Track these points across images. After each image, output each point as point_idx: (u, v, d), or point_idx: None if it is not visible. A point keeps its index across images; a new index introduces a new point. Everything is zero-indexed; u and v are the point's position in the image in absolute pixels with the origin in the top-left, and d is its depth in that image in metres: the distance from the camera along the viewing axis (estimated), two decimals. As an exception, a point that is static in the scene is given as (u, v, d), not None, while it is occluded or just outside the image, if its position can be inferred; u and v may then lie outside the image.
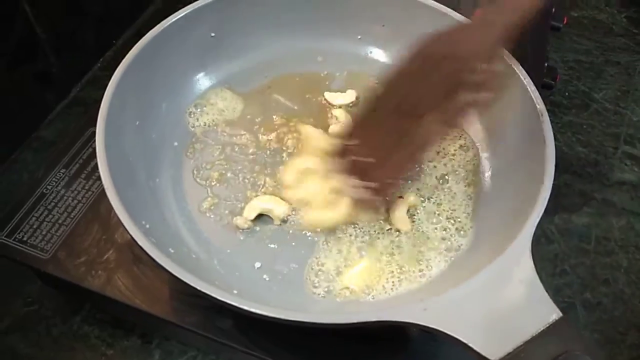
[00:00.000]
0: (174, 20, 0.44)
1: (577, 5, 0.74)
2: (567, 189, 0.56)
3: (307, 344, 0.38)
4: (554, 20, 0.61)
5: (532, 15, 0.38)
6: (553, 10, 0.61)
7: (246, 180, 0.45)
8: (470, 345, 0.28)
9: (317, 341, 0.38)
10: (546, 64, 0.59)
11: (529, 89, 0.39)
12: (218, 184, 0.44)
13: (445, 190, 0.44)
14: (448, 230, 0.41)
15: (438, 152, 0.46)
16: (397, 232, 0.42)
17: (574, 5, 0.74)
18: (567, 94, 0.64)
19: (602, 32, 0.71)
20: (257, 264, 0.40)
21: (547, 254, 0.51)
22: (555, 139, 0.58)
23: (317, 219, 0.42)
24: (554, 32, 0.61)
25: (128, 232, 0.32)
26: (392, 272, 0.39)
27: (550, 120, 0.61)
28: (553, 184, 0.55)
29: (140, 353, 0.45)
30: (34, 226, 0.43)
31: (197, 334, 0.40)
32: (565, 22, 0.62)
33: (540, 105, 0.38)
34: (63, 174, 0.46)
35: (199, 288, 0.30)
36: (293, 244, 0.41)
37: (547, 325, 0.28)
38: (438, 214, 0.42)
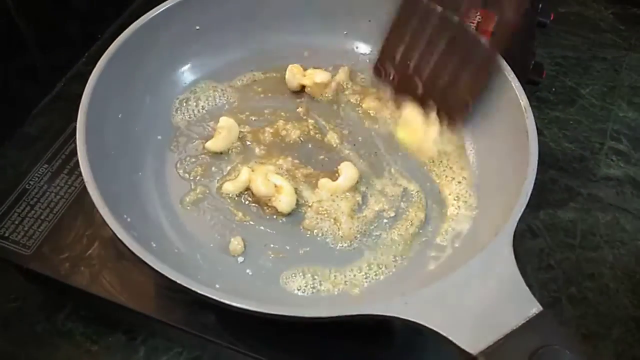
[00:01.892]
0: (157, 13, 0.44)
1: (565, 1, 0.74)
2: (553, 184, 0.56)
3: (292, 339, 0.38)
4: (541, 17, 0.61)
5: None
6: (540, 6, 0.61)
7: (230, 175, 0.44)
8: (451, 338, 0.28)
9: (302, 337, 0.38)
10: (533, 61, 0.59)
11: (513, 85, 0.39)
12: (202, 178, 0.44)
13: (432, 183, 0.44)
14: (435, 226, 0.41)
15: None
16: (383, 233, 0.42)
17: (562, 2, 0.74)
18: (553, 89, 0.64)
19: (589, 28, 0.71)
20: (240, 259, 0.40)
21: (532, 249, 0.51)
22: (542, 134, 0.60)
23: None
24: (541, 28, 0.62)
25: (108, 226, 0.32)
26: (376, 267, 0.39)
27: (537, 116, 0.61)
28: (539, 179, 0.55)
29: (125, 350, 0.45)
30: (16, 222, 0.43)
31: (181, 330, 0.40)
32: (552, 18, 0.62)
33: (524, 101, 0.38)
34: (46, 169, 0.46)
35: (179, 282, 0.30)
36: (277, 239, 0.41)
37: (527, 319, 0.28)
38: (424, 212, 0.42)
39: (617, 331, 0.47)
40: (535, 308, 0.28)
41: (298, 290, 0.38)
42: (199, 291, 0.30)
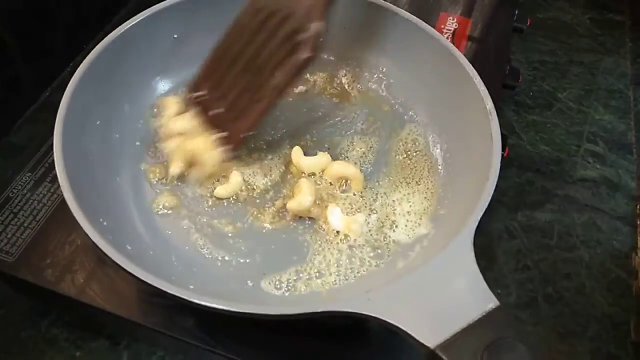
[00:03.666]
0: (135, 22, 0.44)
1: (543, 7, 0.76)
2: (530, 186, 0.57)
3: (272, 341, 0.39)
4: (518, 22, 0.62)
5: None
6: (516, 13, 0.62)
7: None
8: (410, 333, 0.29)
9: (282, 339, 0.39)
10: (509, 66, 0.60)
11: (479, 90, 0.40)
12: (179, 183, 0.45)
13: (401, 186, 0.45)
14: (405, 227, 0.42)
15: (396, 150, 0.47)
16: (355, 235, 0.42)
17: (540, 7, 0.76)
18: (531, 94, 0.65)
19: (566, 33, 0.73)
20: (218, 263, 0.40)
21: (510, 250, 0.52)
22: (520, 138, 0.61)
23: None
24: (518, 33, 0.63)
25: (82, 228, 0.32)
26: (349, 267, 0.40)
27: (515, 119, 0.63)
28: (517, 182, 0.57)
29: (109, 355, 0.45)
30: (-1, 230, 0.43)
31: (162, 335, 0.40)
32: (529, 24, 0.64)
33: (489, 105, 0.39)
34: (29, 177, 0.46)
35: (149, 282, 0.31)
36: (250, 240, 0.42)
37: (484, 314, 0.29)
38: (395, 213, 0.43)
39: (593, 329, 0.48)
40: (492, 303, 0.29)
41: (273, 290, 0.39)
42: (168, 291, 0.30)
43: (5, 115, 0.59)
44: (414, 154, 0.46)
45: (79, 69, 0.41)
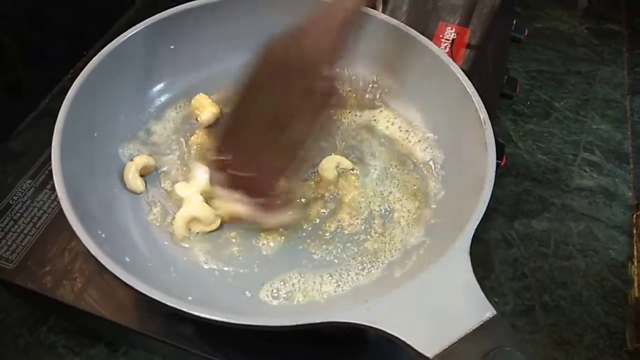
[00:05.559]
0: (133, 33, 0.45)
1: (540, 16, 0.76)
2: (527, 195, 0.57)
3: (269, 349, 0.39)
4: (515, 32, 0.63)
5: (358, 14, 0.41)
6: (514, 22, 0.63)
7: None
8: (408, 342, 0.29)
9: (279, 346, 0.39)
10: (506, 76, 0.60)
11: (473, 99, 0.40)
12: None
13: (397, 195, 0.45)
14: (401, 235, 0.42)
15: (391, 159, 0.47)
16: (352, 245, 0.42)
17: (537, 17, 0.76)
18: (528, 102, 0.66)
19: (563, 42, 0.73)
20: (216, 272, 0.41)
21: (507, 258, 0.52)
22: (517, 146, 0.61)
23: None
24: (516, 43, 0.63)
25: (81, 242, 0.33)
26: (346, 276, 0.40)
27: (512, 128, 0.63)
28: (514, 191, 0.57)
29: (107, 361, 0.45)
30: (-1, 236, 0.44)
31: (160, 342, 0.40)
32: (526, 33, 0.64)
33: (483, 114, 0.39)
34: (29, 184, 0.46)
35: (149, 294, 0.31)
36: (247, 250, 0.42)
37: (481, 323, 0.29)
38: (391, 221, 0.43)
39: (589, 338, 0.48)
40: (489, 312, 0.29)
41: (271, 300, 0.39)
42: (167, 302, 0.30)
43: (5, 120, 0.59)
44: (410, 163, 0.46)
45: (76, 80, 0.41)
